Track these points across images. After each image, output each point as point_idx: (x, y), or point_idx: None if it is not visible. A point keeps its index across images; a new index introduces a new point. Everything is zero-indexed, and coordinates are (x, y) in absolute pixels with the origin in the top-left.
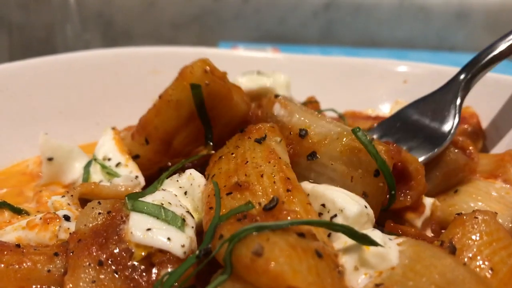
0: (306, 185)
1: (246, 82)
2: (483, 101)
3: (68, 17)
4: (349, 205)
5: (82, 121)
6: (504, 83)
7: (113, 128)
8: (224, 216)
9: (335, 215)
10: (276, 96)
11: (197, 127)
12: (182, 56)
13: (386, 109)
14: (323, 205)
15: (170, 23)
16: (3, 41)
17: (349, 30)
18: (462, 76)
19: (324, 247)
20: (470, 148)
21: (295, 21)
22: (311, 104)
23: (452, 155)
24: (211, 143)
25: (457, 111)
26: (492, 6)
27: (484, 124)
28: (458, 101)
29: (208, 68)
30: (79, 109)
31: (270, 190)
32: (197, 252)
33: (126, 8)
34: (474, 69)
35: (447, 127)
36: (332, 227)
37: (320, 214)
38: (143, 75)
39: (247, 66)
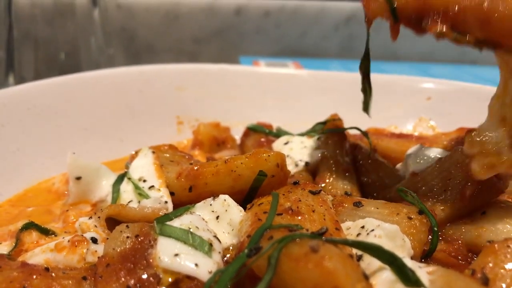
0: (347, 223)
1: None
2: None
3: (92, 31)
4: (387, 223)
5: (106, 138)
6: None
7: (154, 152)
8: (275, 225)
9: (372, 230)
10: None
11: (238, 200)
12: (205, 73)
13: (409, 126)
14: (363, 227)
15: (191, 38)
16: (29, 56)
17: (370, 44)
18: None
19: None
20: None
21: (316, 35)
22: (335, 122)
23: None
24: None
25: None
26: None
27: None
28: None
29: (280, 163)
30: (103, 126)
31: (320, 221)
32: (246, 251)
33: (149, 23)
34: None
35: None
36: (374, 250)
37: (358, 234)
38: (167, 92)
39: (268, 82)
